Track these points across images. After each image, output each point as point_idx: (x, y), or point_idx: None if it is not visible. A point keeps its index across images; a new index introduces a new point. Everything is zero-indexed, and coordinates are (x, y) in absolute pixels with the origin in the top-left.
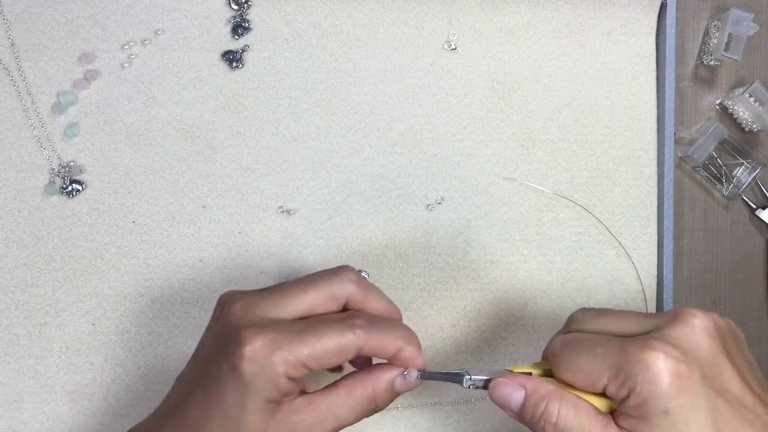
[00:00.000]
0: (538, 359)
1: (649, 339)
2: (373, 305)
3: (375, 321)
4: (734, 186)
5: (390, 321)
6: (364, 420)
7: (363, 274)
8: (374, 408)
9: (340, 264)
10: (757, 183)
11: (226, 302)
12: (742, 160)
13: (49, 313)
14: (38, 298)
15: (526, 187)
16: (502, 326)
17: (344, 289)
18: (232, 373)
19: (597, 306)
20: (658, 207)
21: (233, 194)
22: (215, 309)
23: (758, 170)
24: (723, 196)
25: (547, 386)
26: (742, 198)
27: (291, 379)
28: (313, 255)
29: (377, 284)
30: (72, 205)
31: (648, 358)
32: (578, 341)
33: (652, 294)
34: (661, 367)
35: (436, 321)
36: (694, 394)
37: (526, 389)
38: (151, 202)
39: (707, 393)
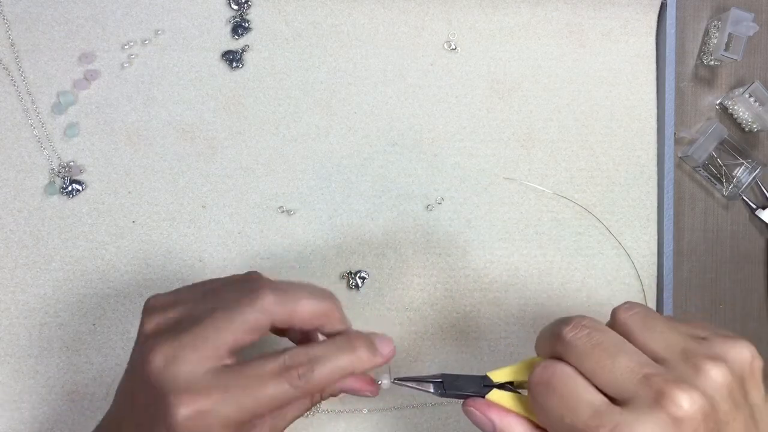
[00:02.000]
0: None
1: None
2: (303, 316)
3: (318, 359)
4: (734, 186)
5: (334, 348)
6: (364, 420)
7: (363, 274)
8: (320, 401)
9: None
10: (757, 183)
11: (146, 340)
12: (742, 160)
13: (49, 313)
14: (38, 298)
15: (526, 187)
16: (502, 326)
17: (263, 320)
18: None
19: (597, 306)
20: (658, 207)
21: (233, 194)
22: (141, 322)
23: (758, 170)
24: (723, 196)
25: (515, 429)
26: (742, 198)
27: None
28: (313, 255)
29: (377, 284)
30: (72, 205)
31: None
32: (553, 392)
33: (652, 294)
34: None
35: (436, 321)
36: None
37: (494, 426)
38: (151, 202)
39: None
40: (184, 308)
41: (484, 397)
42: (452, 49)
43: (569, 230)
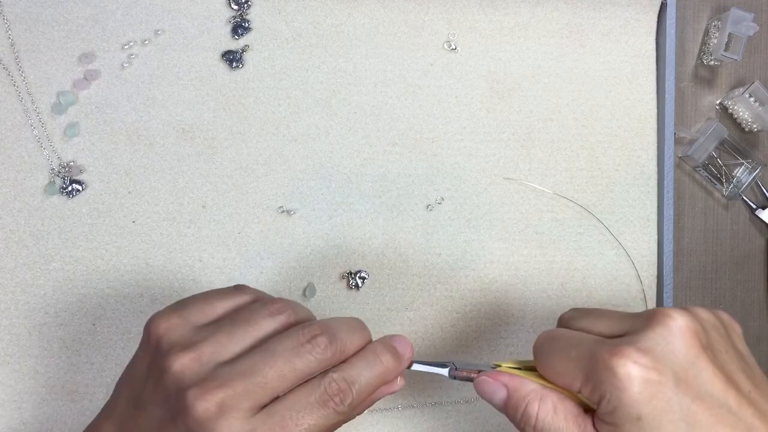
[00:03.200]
0: None
1: (619, 345)
2: (350, 353)
3: (354, 382)
4: (734, 186)
5: (366, 367)
6: (364, 421)
7: (363, 274)
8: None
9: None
10: (757, 183)
11: (187, 388)
12: (742, 160)
13: (49, 313)
14: (38, 298)
15: (526, 187)
16: (502, 326)
17: (321, 368)
18: None
19: (597, 306)
20: (658, 207)
21: (233, 194)
22: (143, 338)
23: (758, 170)
24: (723, 196)
25: (528, 386)
26: (742, 198)
27: None
28: (313, 255)
29: (377, 284)
30: (72, 205)
31: (616, 365)
32: (557, 340)
33: (652, 294)
34: (629, 374)
35: (436, 321)
36: (667, 400)
37: (507, 388)
38: (151, 202)
39: (681, 398)
40: (216, 343)
41: None
42: (452, 49)
43: (569, 230)
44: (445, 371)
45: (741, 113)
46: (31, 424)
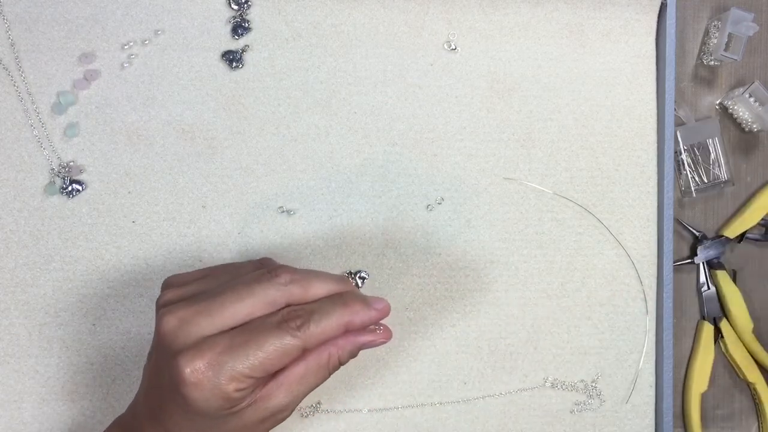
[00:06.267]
0: (539, 359)
1: None
2: (317, 294)
3: (314, 311)
4: (687, 188)
5: (328, 302)
6: (364, 420)
7: (363, 274)
8: (338, 366)
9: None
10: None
11: (160, 308)
12: (716, 171)
13: (49, 313)
14: (38, 298)
15: (526, 187)
16: (502, 326)
17: (282, 296)
18: (186, 402)
19: (597, 306)
20: (658, 207)
21: (233, 194)
22: (159, 296)
23: (720, 185)
24: (680, 190)
25: None
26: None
27: (241, 390)
28: (313, 255)
29: (377, 284)
30: (72, 205)
31: None
32: None
33: (652, 294)
34: None
35: (436, 321)
36: None
37: None
38: (151, 202)
39: None
40: (201, 283)
41: None
42: (452, 49)
43: (569, 230)
44: None
45: (741, 113)
46: (31, 424)
